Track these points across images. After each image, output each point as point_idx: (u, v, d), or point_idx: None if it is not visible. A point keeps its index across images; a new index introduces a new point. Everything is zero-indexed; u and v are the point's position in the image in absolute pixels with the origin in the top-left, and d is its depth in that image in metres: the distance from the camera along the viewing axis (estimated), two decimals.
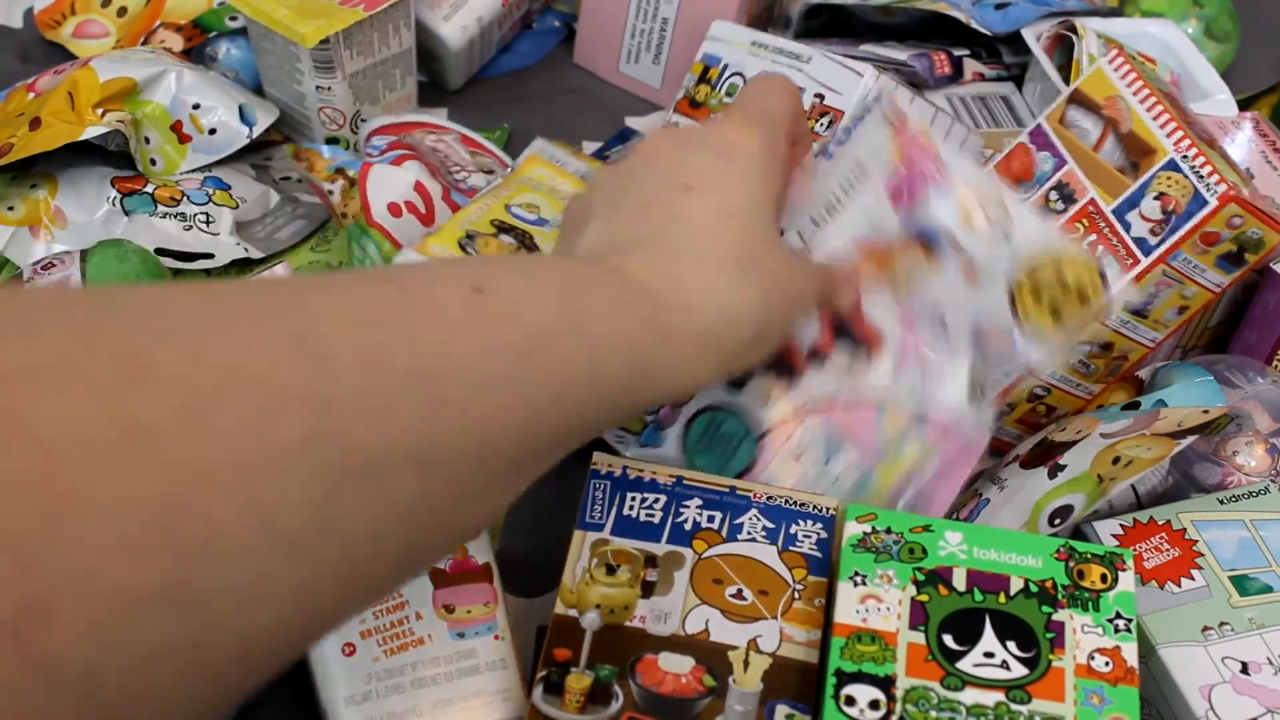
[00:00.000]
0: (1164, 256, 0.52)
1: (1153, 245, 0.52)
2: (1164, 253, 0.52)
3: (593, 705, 0.43)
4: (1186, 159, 0.52)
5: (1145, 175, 0.53)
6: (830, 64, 0.60)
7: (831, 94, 0.60)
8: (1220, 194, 0.51)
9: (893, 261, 0.47)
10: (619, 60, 0.76)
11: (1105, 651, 0.43)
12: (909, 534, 0.45)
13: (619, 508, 0.48)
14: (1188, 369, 0.55)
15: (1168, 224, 0.52)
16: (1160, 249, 0.52)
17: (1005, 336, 0.47)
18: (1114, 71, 0.55)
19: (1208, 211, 0.51)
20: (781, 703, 0.43)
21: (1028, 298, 0.46)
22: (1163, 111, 0.53)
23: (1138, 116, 0.54)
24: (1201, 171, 0.51)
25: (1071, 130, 0.56)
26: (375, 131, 0.65)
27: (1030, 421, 0.58)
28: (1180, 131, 0.53)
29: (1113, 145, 0.55)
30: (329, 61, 0.65)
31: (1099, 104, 0.56)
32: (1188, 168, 0.52)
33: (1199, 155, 0.52)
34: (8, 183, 0.63)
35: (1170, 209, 0.52)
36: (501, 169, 0.68)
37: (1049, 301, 0.46)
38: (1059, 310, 0.46)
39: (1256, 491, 0.51)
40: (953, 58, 0.69)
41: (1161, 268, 0.52)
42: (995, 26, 0.68)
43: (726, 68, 0.64)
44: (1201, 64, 0.70)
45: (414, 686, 0.44)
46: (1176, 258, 0.52)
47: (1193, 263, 0.52)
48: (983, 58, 0.70)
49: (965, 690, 0.42)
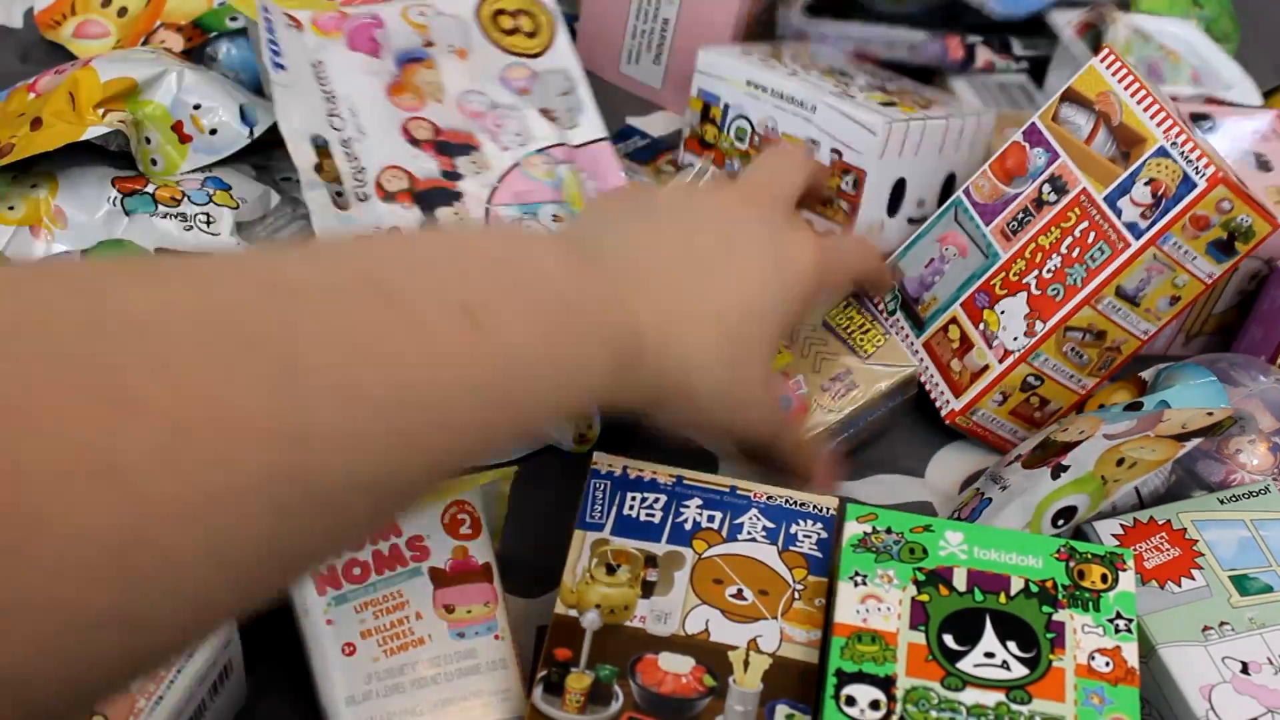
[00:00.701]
0: (1154, 239, 0.53)
1: (1143, 229, 0.53)
2: (1154, 235, 0.53)
3: (593, 705, 0.43)
4: (1176, 145, 0.53)
5: (1136, 163, 0.54)
6: (838, 118, 0.61)
7: (849, 151, 0.61)
8: (1209, 176, 0.52)
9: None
10: (620, 60, 0.76)
11: (1106, 652, 0.43)
12: (909, 534, 0.45)
13: (619, 507, 0.48)
14: (1190, 370, 0.56)
15: (1158, 207, 0.53)
16: (1151, 232, 0.53)
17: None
18: (1106, 69, 0.56)
19: (1197, 193, 0.52)
20: (782, 703, 0.43)
21: None
22: (1153, 103, 0.54)
23: (1129, 109, 0.55)
24: (1190, 156, 0.52)
25: (1064, 126, 0.57)
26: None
27: (1024, 415, 0.58)
28: (1170, 120, 0.54)
29: (1104, 137, 0.56)
30: None
31: (1091, 100, 0.56)
32: (1177, 153, 0.53)
33: (1188, 141, 0.53)
34: (8, 183, 0.63)
35: (1160, 193, 0.53)
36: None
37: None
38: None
39: (1257, 491, 0.51)
40: (965, 43, 0.69)
41: (1152, 251, 0.53)
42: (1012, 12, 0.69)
43: (728, 108, 0.65)
44: (1222, 58, 0.71)
45: (414, 686, 0.44)
46: (1167, 241, 0.53)
47: (1183, 248, 0.53)
48: (994, 46, 0.70)
49: (966, 690, 0.42)
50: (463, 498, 0.47)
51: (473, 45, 0.58)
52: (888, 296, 0.61)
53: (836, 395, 0.53)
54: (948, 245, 0.59)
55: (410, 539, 0.46)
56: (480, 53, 0.58)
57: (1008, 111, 0.67)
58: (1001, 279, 0.57)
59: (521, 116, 0.58)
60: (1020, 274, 0.56)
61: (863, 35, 0.71)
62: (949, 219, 0.60)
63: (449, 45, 0.58)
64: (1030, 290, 0.56)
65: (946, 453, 0.59)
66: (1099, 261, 0.54)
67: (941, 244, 0.60)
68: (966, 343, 0.57)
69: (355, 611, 0.45)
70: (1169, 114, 0.54)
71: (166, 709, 0.41)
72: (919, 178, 0.62)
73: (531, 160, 0.56)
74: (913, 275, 0.60)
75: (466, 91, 0.57)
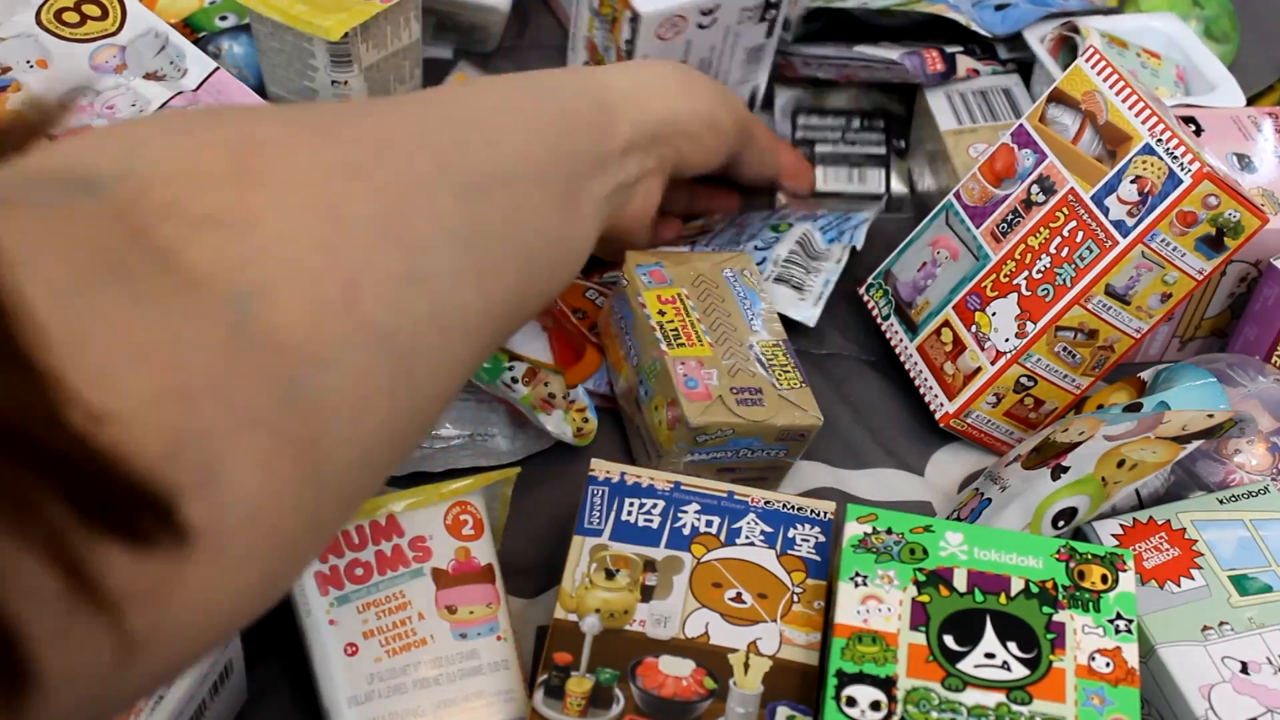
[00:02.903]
0: (1141, 236, 0.53)
1: (1130, 226, 0.53)
2: (1141, 232, 0.53)
3: (594, 709, 0.43)
4: (1161, 142, 0.53)
5: (1122, 160, 0.54)
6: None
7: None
8: (1194, 172, 0.52)
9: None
10: None
11: (1106, 652, 0.43)
12: (909, 535, 0.46)
13: (617, 513, 0.48)
14: (1190, 370, 0.55)
15: (1144, 205, 0.53)
16: (1138, 229, 0.53)
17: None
18: (1091, 69, 0.57)
19: (1183, 190, 0.52)
20: (782, 705, 0.44)
21: None
22: (1138, 100, 0.54)
23: (1114, 107, 0.55)
24: (1176, 153, 0.53)
25: (1051, 126, 0.57)
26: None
27: (1019, 416, 0.58)
28: (1155, 118, 0.54)
29: (1090, 136, 0.56)
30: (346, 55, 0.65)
31: (1077, 100, 0.57)
32: (1163, 150, 0.53)
33: (1173, 138, 0.53)
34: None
35: (1146, 190, 0.53)
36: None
37: None
38: None
39: (1256, 491, 0.51)
40: (945, 55, 0.69)
41: (1140, 248, 0.53)
42: (996, 28, 0.69)
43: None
44: (1206, 56, 0.70)
45: (416, 687, 0.44)
46: (1154, 238, 0.53)
47: (1171, 244, 0.53)
48: (977, 54, 0.70)
49: (966, 691, 0.42)
50: (465, 499, 0.47)
51: (49, 52, 0.58)
52: (882, 302, 0.61)
53: (741, 403, 0.52)
54: (939, 249, 0.59)
55: (413, 540, 0.46)
56: (60, 54, 0.58)
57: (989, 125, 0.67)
58: (992, 281, 0.57)
59: (130, 89, 0.58)
60: (1010, 275, 0.56)
61: (841, 58, 0.71)
62: (940, 223, 0.60)
63: (26, 62, 0.58)
64: (1021, 291, 0.56)
65: (945, 453, 0.59)
66: (1088, 260, 0.54)
67: (933, 248, 0.60)
68: (959, 345, 0.57)
69: (358, 612, 0.45)
70: (1153, 111, 0.54)
71: (167, 708, 0.41)
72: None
73: None
74: (905, 280, 0.60)
75: (64, 94, 0.57)
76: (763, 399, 0.52)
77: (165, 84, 0.58)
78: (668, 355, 0.52)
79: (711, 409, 0.51)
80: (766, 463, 0.54)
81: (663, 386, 0.52)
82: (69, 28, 0.58)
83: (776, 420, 0.52)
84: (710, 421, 0.51)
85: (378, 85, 0.69)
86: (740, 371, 0.53)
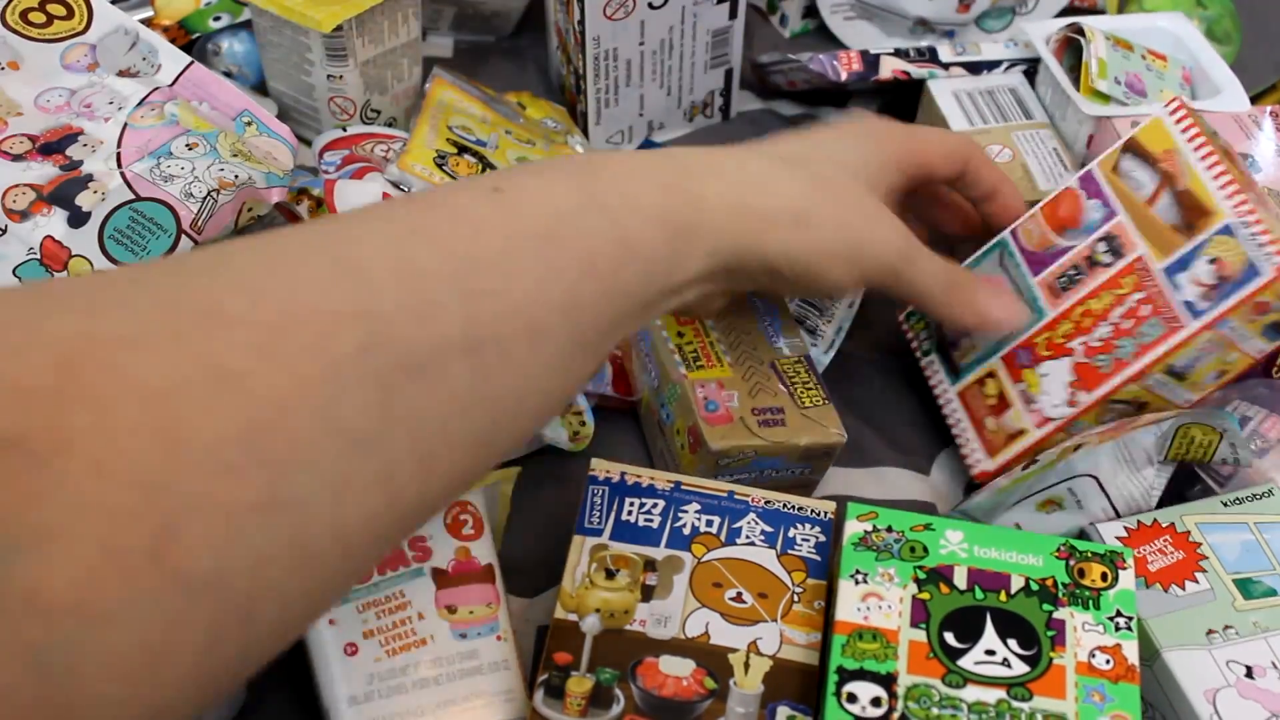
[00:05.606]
0: (1212, 323, 0.49)
1: (1201, 310, 0.49)
2: (1213, 319, 0.49)
3: (594, 709, 0.43)
4: (1245, 224, 0.49)
5: (1200, 236, 0.50)
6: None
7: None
8: (1277, 265, 0.48)
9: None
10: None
11: (1106, 649, 0.42)
12: (910, 532, 0.45)
13: (617, 513, 0.48)
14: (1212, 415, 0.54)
15: (1219, 290, 0.49)
16: (1209, 315, 0.49)
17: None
18: (1174, 124, 0.52)
19: (1263, 282, 0.48)
20: (783, 704, 0.43)
21: None
22: (1223, 171, 0.50)
23: (1195, 174, 0.51)
24: (1260, 239, 0.49)
25: (1125, 181, 0.53)
26: (326, 148, 0.65)
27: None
28: (1240, 194, 0.50)
29: (1168, 201, 0.52)
30: (341, 49, 0.65)
31: (1156, 156, 0.52)
32: (1245, 234, 0.49)
33: (1259, 221, 0.49)
34: None
35: (1224, 275, 0.49)
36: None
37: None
38: None
39: (1261, 494, 0.50)
40: (866, 56, 0.69)
41: (1208, 334, 0.49)
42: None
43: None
44: (1213, 58, 0.68)
45: (416, 687, 0.44)
46: (1224, 325, 0.49)
47: (1240, 330, 0.49)
48: (909, 56, 0.69)
49: (967, 688, 0.42)
50: (465, 499, 0.47)
51: (19, 53, 0.57)
52: (923, 335, 0.58)
53: (763, 424, 0.51)
54: None
55: (412, 539, 0.46)
56: (31, 55, 0.57)
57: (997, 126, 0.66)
58: (1046, 339, 0.53)
59: (104, 87, 0.57)
60: (1067, 336, 0.53)
61: (778, 65, 0.71)
62: (993, 261, 0.56)
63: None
64: (1076, 356, 0.52)
65: (950, 452, 0.59)
66: (1152, 338, 0.50)
67: None
68: (1004, 402, 0.54)
69: (357, 611, 0.45)
70: (1239, 186, 0.50)
71: None
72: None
73: (136, 116, 0.56)
74: None
75: (40, 94, 0.56)
76: (784, 419, 0.52)
77: (140, 80, 0.58)
78: (687, 379, 0.52)
79: (732, 432, 0.51)
80: (792, 480, 0.54)
81: (683, 410, 0.52)
82: (36, 28, 0.58)
83: (799, 440, 0.51)
84: (732, 445, 0.51)
85: (374, 82, 0.69)
86: (761, 391, 0.53)
